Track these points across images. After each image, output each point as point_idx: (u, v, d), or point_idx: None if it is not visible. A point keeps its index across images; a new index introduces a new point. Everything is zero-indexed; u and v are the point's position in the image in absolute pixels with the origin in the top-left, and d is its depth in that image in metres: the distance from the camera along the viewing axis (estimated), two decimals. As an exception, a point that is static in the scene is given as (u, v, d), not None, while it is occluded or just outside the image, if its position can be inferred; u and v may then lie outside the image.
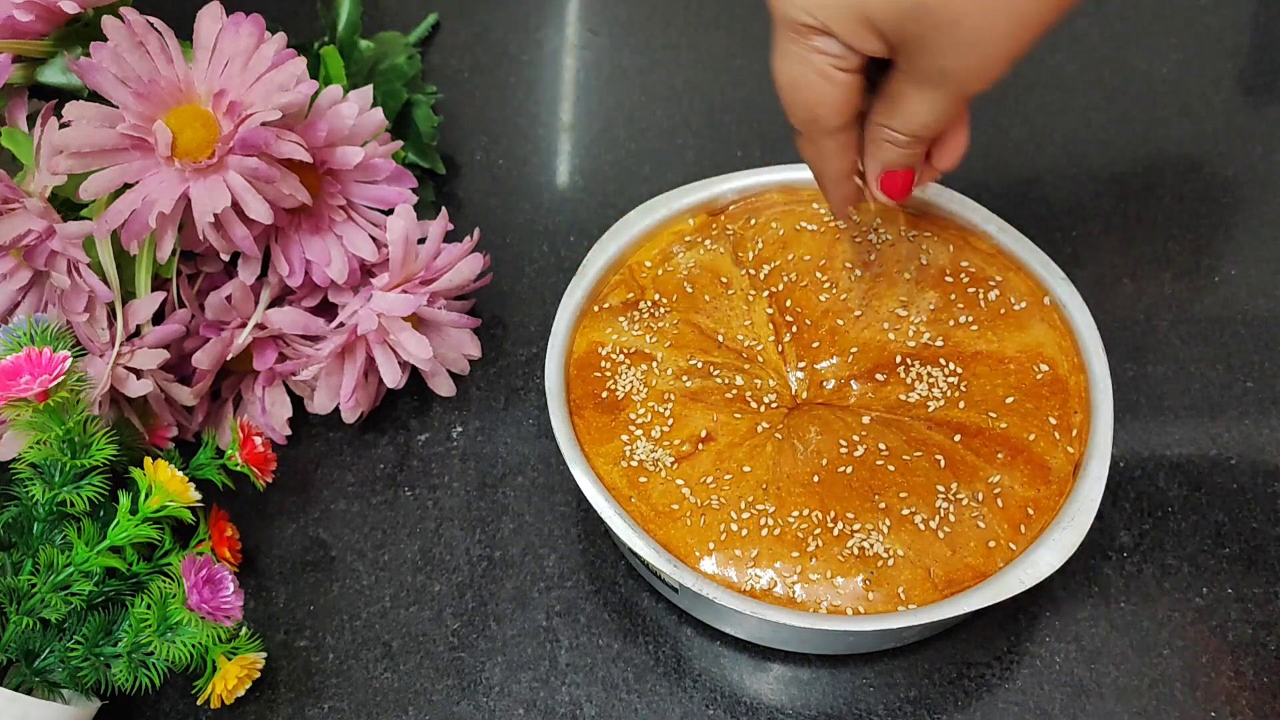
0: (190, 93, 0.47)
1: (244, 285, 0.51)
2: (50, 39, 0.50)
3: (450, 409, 0.58)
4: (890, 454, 0.48)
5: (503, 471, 0.56)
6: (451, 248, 0.54)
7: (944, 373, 0.50)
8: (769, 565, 0.46)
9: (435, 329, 0.55)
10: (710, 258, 0.54)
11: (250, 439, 0.51)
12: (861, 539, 0.46)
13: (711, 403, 0.50)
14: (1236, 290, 0.61)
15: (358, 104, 0.51)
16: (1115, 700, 0.48)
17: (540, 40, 0.74)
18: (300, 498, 0.55)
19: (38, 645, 0.45)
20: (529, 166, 0.68)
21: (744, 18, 0.75)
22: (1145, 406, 0.57)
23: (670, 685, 0.49)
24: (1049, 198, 0.65)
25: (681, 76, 0.72)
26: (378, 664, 0.50)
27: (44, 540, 0.46)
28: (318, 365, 0.53)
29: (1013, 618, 0.51)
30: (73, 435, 0.45)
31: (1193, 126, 0.68)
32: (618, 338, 0.52)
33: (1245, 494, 0.54)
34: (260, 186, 0.47)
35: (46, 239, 0.47)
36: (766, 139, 0.68)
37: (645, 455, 0.48)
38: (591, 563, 0.53)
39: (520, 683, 0.50)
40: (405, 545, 0.54)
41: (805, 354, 0.52)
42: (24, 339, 0.45)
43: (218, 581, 0.46)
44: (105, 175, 0.45)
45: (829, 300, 0.52)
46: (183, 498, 0.46)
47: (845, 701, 0.49)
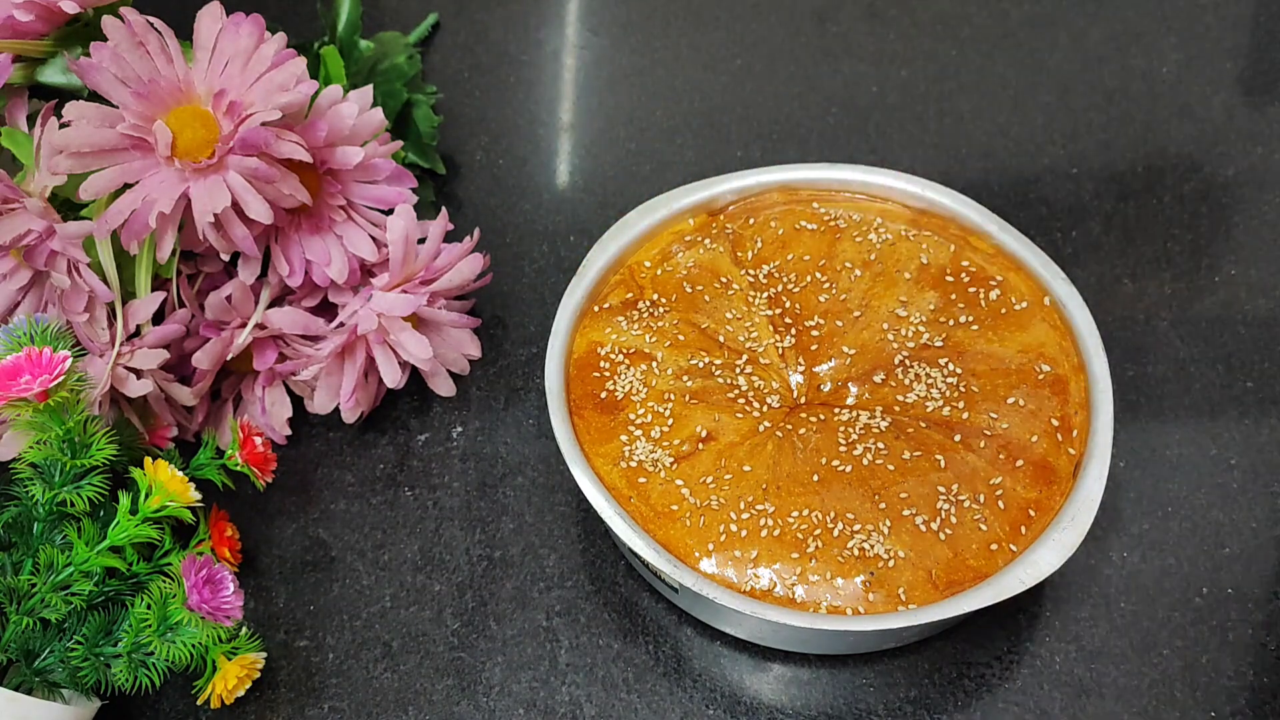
0: (190, 93, 0.47)
1: (244, 285, 0.51)
2: (50, 39, 0.50)
3: (450, 409, 0.58)
4: (890, 454, 0.48)
5: (503, 471, 0.56)
6: (451, 248, 0.54)
7: (944, 373, 0.50)
8: (769, 565, 0.46)
9: (435, 329, 0.55)
10: (710, 257, 0.54)
11: (250, 439, 0.51)
12: (862, 539, 0.46)
13: (711, 403, 0.50)
14: (1236, 290, 0.61)
15: (358, 104, 0.51)
16: (1115, 700, 0.48)
17: (540, 40, 0.74)
18: (300, 498, 0.55)
19: (38, 645, 0.45)
20: (529, 166, 0.68)
21: (744, 18, 0.75)
22: (1145, 406, 0.57)
23: (670, 685, 0.49)
24: (1049, 198, 0.65)
25: (681, 76, 0.72)
26: (378, 664, 0.50)
27: (44, 540, 0.46)
28: (318, 365, 0.53)
29: (1013, 618, 0.51)
30: (73, 435, 0.45)
31: (1193, 126, 0.68)
32: (617, 337, 0.52)
33: (1245, 494, 0.54)
34: (260, 186, 0.47)
35: (46, 239, 0.47)
36: (766, 139, 0.68)
37: (645, 455, 0.48)
38: (591, 563, 0.53)
39: (520, 683, 0.50)
40: (405, 545, 0.54)
41: (805, 354, 0.52)
42: (24, 339, 0.45)
43: (218, 581, 0.46)
44: (105, 175, 0.45)
45: (828, 301, 0.52)
46: (183, 498, 0.46)
47: (845, 701, 0.49)
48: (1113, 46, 0.72)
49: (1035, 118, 0.69)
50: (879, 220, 0.54)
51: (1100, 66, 0.71)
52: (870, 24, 0.74)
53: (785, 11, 0.75)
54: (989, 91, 0.69)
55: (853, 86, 0.71)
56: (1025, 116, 0.69)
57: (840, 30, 0.74)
